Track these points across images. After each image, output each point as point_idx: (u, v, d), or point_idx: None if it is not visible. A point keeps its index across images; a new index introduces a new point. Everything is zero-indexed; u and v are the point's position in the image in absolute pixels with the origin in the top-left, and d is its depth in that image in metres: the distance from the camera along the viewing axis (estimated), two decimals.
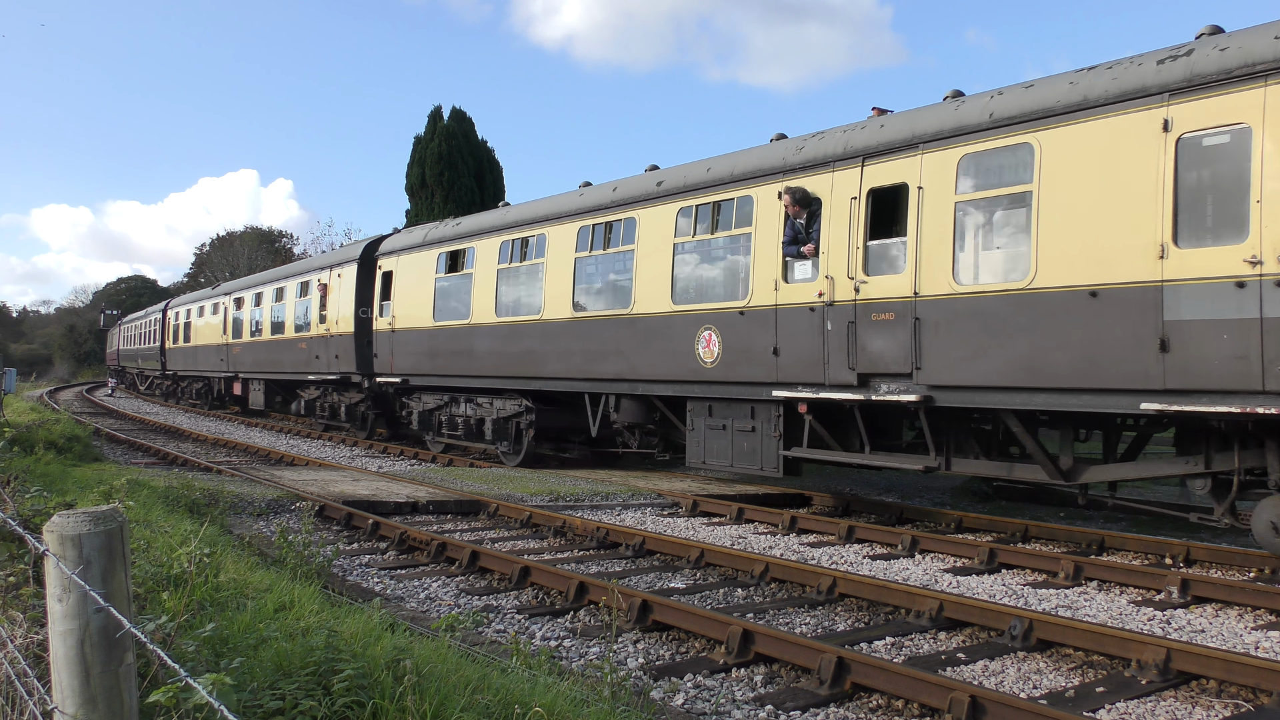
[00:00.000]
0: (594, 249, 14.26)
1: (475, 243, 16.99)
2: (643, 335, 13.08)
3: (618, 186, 14.06)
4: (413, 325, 18.51)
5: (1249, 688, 5.55)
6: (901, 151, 10.11)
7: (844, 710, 5.35)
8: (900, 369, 9.92)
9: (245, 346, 28.66)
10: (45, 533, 2.30)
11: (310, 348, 23.06)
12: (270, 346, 26.37)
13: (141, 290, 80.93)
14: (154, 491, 10.11)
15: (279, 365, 25.50)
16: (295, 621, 4.67)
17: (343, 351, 21.11)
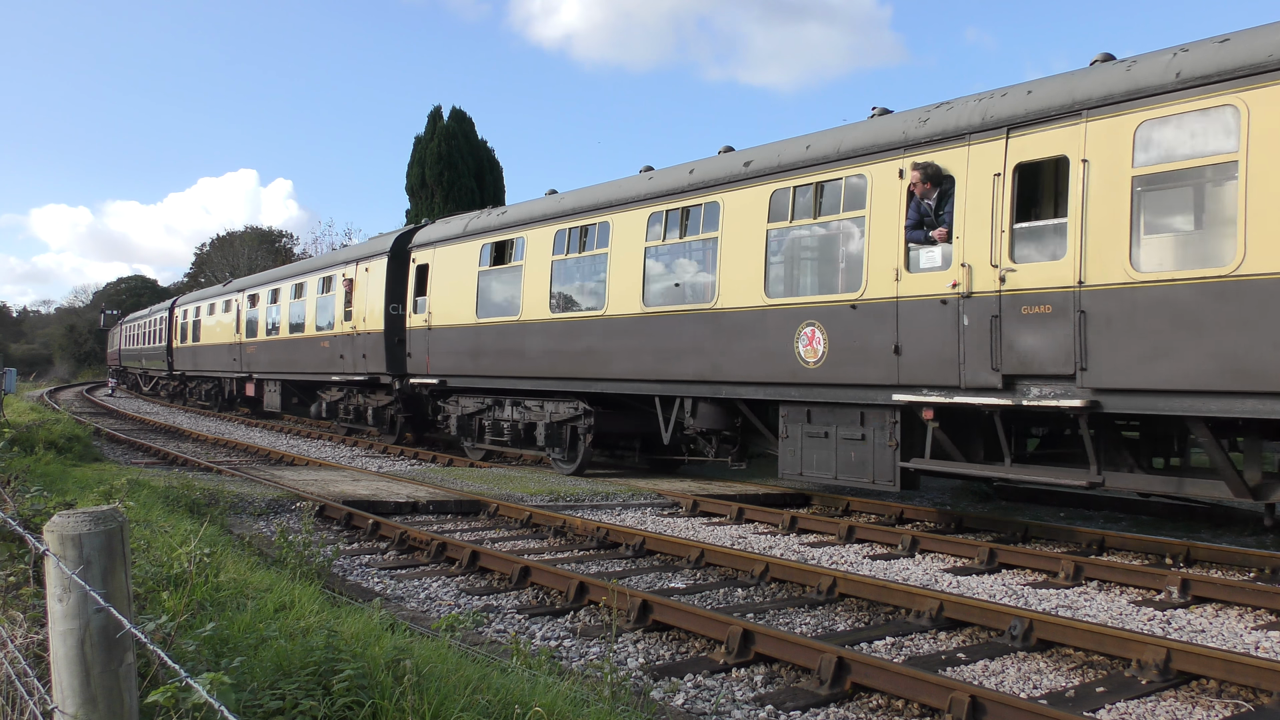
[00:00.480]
0: (667, 237, 13.04)
1: (525, 232, 15.66)
2: (729, 332, 11.90)
3: (694, 168, 12.82)
4: (452, 322, 17.25)
5: (1249, 688, 5.55)
6: (1058, 120, 8.78)
7: (844, 710, 5.35)
8: (1058, 370, 8.62)
9: (261, 346, 27.36)
10: (45, 533, 2.30)
11: (334, 347, 21.79)
12: (288, 345, 25.09)
13: (141, 290, 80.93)
14: (154, 491, 10.12)
15: (298, 365, 24.29)
16: (295, 621, 4.67)
17: (371, 351, 19.84)
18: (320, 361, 22.63)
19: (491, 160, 37.83)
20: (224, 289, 32.63)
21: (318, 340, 22.88)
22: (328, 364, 22.18)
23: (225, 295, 31.65)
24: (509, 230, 16.18)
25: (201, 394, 35.45)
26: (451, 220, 18.77)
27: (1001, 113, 9.34)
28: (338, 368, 21.61)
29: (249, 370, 28.25)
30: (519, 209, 16.40)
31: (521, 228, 15.85)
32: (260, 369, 27.32)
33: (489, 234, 16.66)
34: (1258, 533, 10.67)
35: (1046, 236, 9.05)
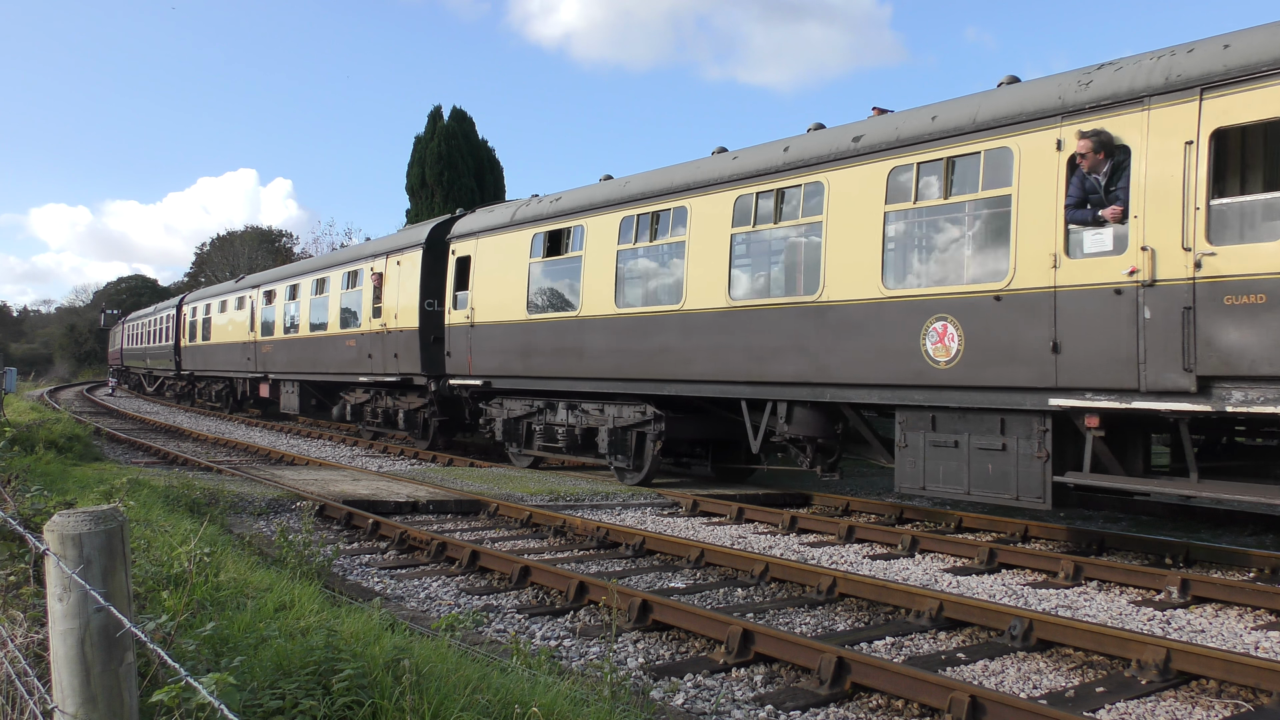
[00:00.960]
0: (758, 223, 11.71)
1: (584, 220, 14.34)
2: (836, 328, 10.63)
3: (789, 145, 11.54)
4: (499, 319, 15.92)
5: (1249, 688, 5.55)
6: (1272, 76, 7.54)
7: (844, 710, 5.35)
8: (1275, 370, 7.47)
9: (278, 344, 25.89)
10: (46, 532, 2.30)
11: (361, 346, 20.40)
12: (309, 344, 23.63)
13: (142, 290, 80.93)
14: (154, 491, 10.12)
15: (319, 365, 22.87)
16: (295, 621, 4.67)
17: (404, 350, 18.54)
18: (345, 361, 21.26)
19: (492, 160, 37.80)
20: (236, 285, 30.84)
21: (342, 339, 21.47)
22: (354, 364, 20.80)
23: (238, 292, 29.91)
24: (565, 218, 14.78)
25: (211, 395, 34.03)
26: (496, 209, 17.27)
27: (1191, 71, 8.04)
28: (365, 368, 20.26)
29: (264, 370, 26.80)
30: (576, 195, 14.91)
31: (580, 215, 14.47)
32: (277, 369, 25.92)
33: (541, 222, 15.23)
34: (1257, 532, 10.67)
35: (1259, 213, 7.81)
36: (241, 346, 28.95)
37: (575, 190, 15.25)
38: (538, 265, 15.36)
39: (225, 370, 31.08)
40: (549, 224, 15.15)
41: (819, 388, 10.96)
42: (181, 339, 36.50)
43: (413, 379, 18.64)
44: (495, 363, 16.07)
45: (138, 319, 48.82)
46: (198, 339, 34.26)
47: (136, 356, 47.67)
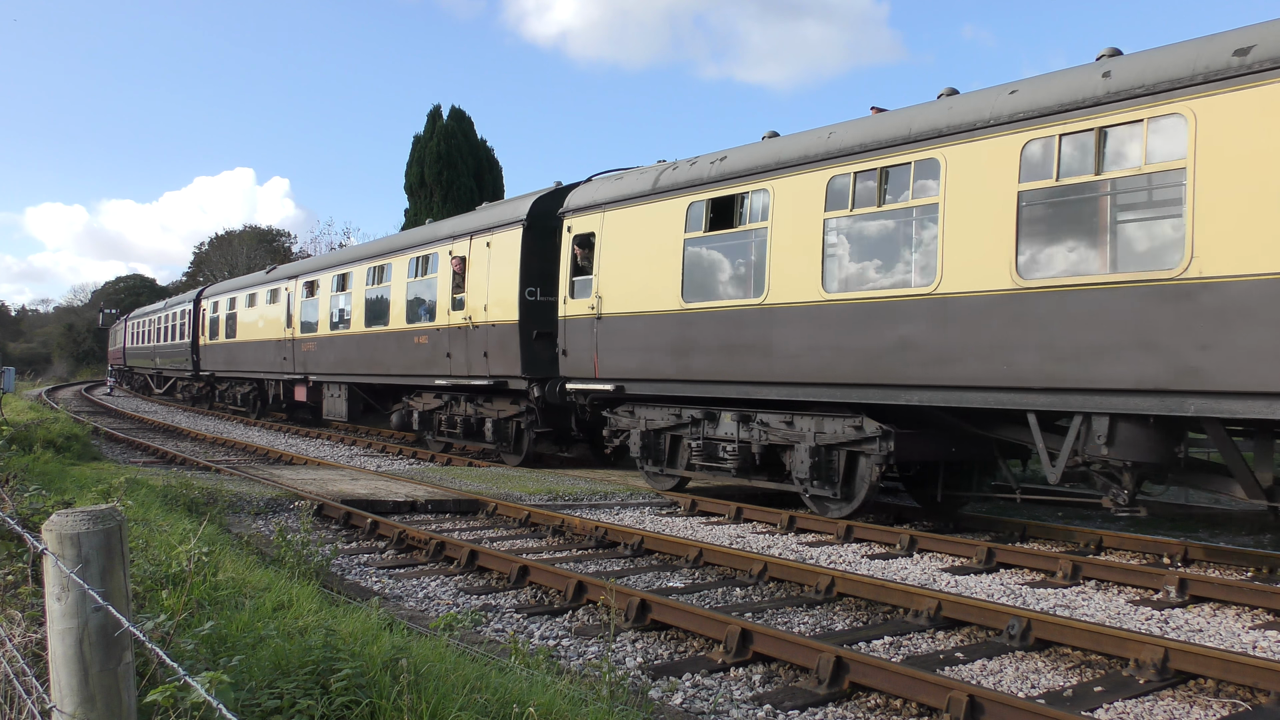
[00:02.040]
0: (1062, 175, 8.67)
1: (769, 183, 11.32)
2: (1218, 316, 7.66)
3: (1111, 69, 8.56)
4: (638, 309, 13.01)
5: (1247, 687, 5.55)
6: None
7: (842, 709, 5.36)
8: None
9: (323, 342, 22.89)
10: (44, 531, 2.30)
11: (436, 343, 17.66)
12: (363, 342, 20.65)
13: (140, 289, 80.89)
14: (152, 490, 10.12)
15: (376, 366, 20.13)
16: (293, 620, 4.67)
17: (497, 348, 15.85)
18: (413, 362, 18.46)
19: (491, 160, 37.82)
20: (268, 276, 27.71)
21: (409, 335, 18.63)
22: (425, 364, 18.04)
23: (271, 284, 26.85)
24: (738, 181, 11.82)
25: (236, 398, 30.63)
26: (625, 175, 14.15)
27: None
28: (441, 369, 17.51)
29: (304, 371, 23.87)
30: (752, 152, 11.90)
31: (761, 177, 11.49)
32: (320, 370, 22.98)
33: (700, 188, 12.28)
34: (1255, 532, 10.69)
35: None
36: (275, 345, 25.90)
37: (750, 146, 12.17)
38: (697, 241, 12.34)
39: (253, 371, 28.09)
40: (712, 189, 12.11)
41: (1176, 397, 7.96)
42: (200, 337, 33.33)
43: (506, 382, 15.87)
44: (633, 363, 13.14)
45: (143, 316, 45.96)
46: (220, 336, 31.16)
47: (143, 356, 44.78)
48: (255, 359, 27.67)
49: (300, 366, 24.20)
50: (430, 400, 18.95)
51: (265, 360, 26.79)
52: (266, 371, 26.88)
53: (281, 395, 26.64)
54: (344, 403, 22.11)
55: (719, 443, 12.24)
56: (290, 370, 24.94)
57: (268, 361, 26.58)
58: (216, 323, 31.62)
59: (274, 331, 26.16)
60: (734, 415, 12.07)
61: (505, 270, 15.87)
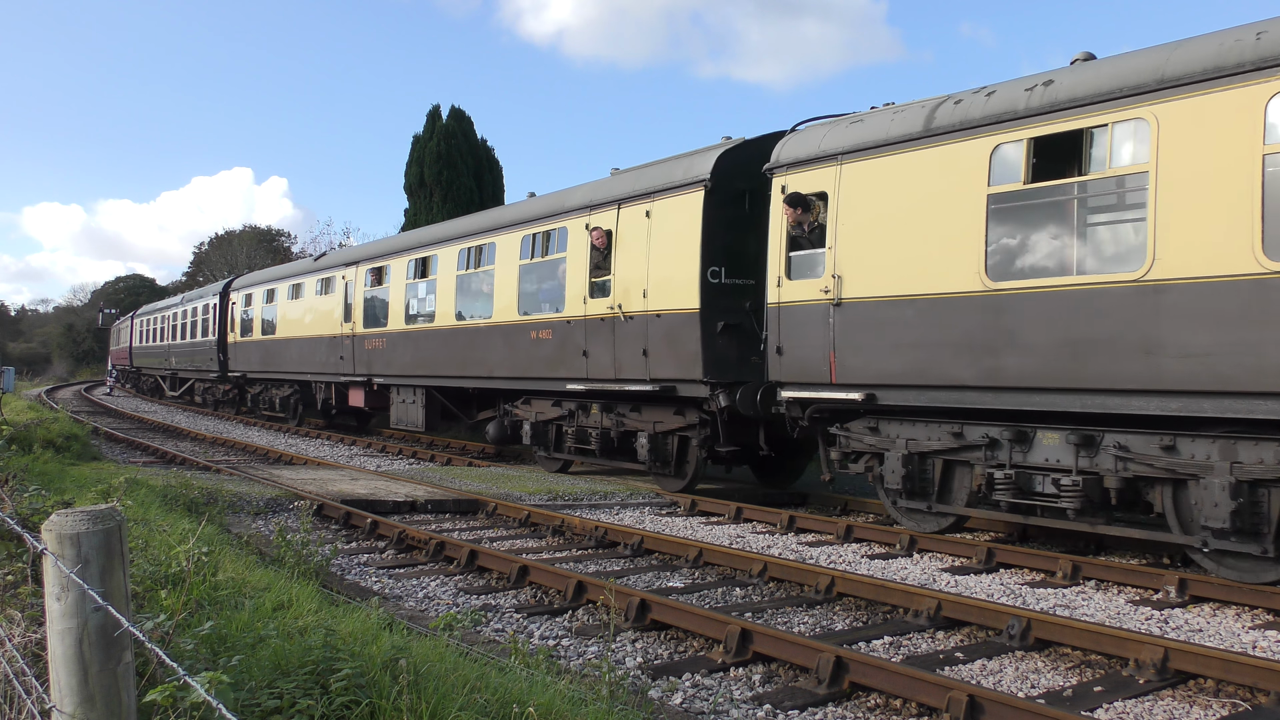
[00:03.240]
0: None
1: (1148, 109, 8.10)
2: None
3: None
4: (905, 291, 9.83)
5: (1246, 687, 5.55)
6: None
7: (842, 709, 5.36)
8: None
9: (395, 339, 19.35)
10: (43, 531, 2.30)
11: (564, 338, 14.31)
12: (454, 338, 17.29)
13: (140, 289, 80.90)
14: (152, 490, 10.12)
15: (474, 366, 16.57)
16: (293, 620, 4.67)
17: (664, 344, 12.49)
18: (528, 361, 15.15)
19: (491, 160, 37.79)
20: (317, 265, 24.37)
21: (522, 330, 15.30)
22: (548, 364, 14.71)
23: (322, 272, 23.49)
24: (1083, 112, 8.60)
25: (273, 402, 27.02)
26: (869, 116, 10.77)
27: None
28: (571, 370, 14.16)
29: (367, 372, 20.48)
30: (1111, 69, 8.58)
31: (1128, 103, 8.26)
32: (391, 371, 19.61)
33: (1014, 124, 9.03)
34: None
35: None
36: (328, 342, 22.35)
37: (1101, 64, 8.84)
38: (1010, 196, 9.11)
39: (297, 371, 24.44)
40: (1035, 125, 8.87)
41: None
42: (229, 333, 29.60)
43: (675, 388, 12.44)
44: (896, 364, 9.96)
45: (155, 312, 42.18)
46: (253, 333, 27.65)
47: (155, 355, 40.95)
48: (300, 358, 24.06)
49: (362, 367, 20.67)
50: (546, 408, 15.33)
51: (313, 359, 23.27)
52: (315, 372, 23.35)
53: (333, 399, 22.92)
54: (419, 409, 18.66)
55: (1036, 473, 9.14)
56: (348, 371, 21.36)
57: (317, 361, 23.04)
58: (249, 318, 27.99)
59: (325, 326, 22.61)
60: (1065, 436, 8.84)
61: (677, 246, 12.40)
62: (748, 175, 12.03)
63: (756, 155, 12.00)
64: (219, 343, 30.22)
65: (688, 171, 12.55)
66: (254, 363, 27.64)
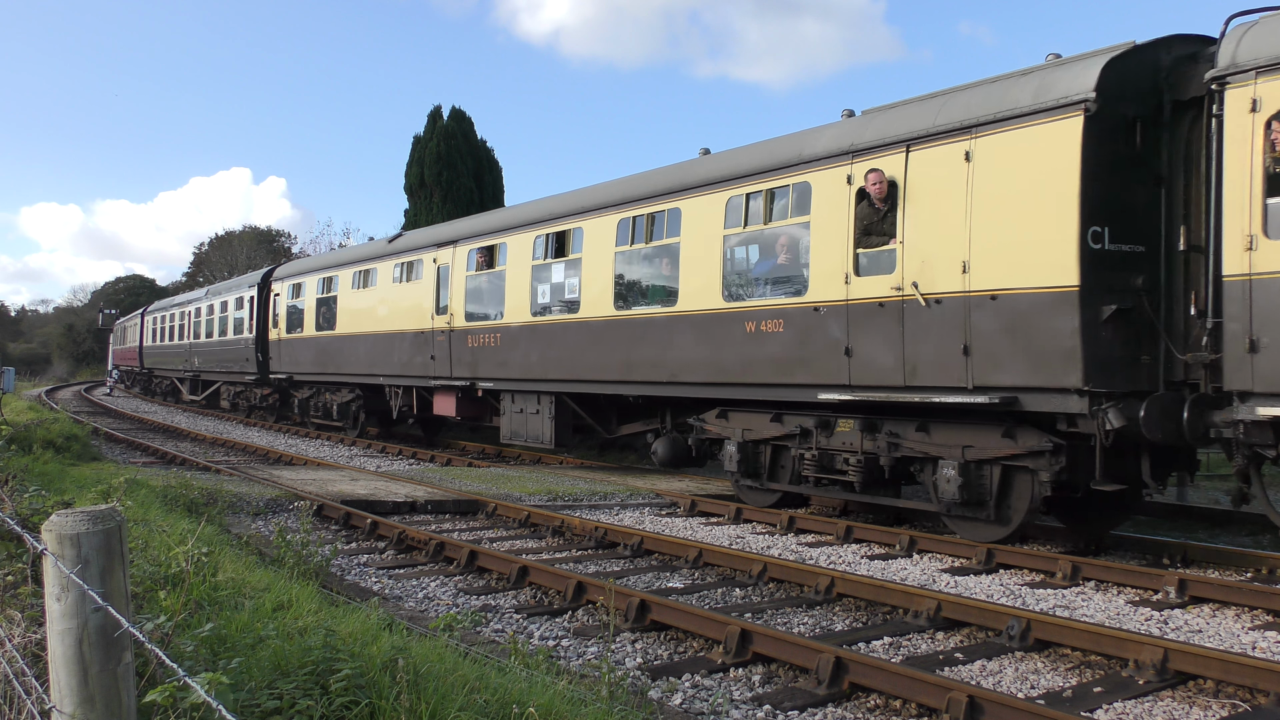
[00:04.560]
0: None
1: None
2: None
3: None
4: None
5: (1246, 687, 5.56)
6: None
7: (842, 710, 5.36)
8: None
9: (514, 334, 15.71)
10: (43, 532, 2.30)
11: (806, 332, 10.71)
12: (611, 332, 13.58)
13: (140, 289, 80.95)
14: (152, 491, 10.12)
15: (644, 368, 13.00)
16: (293, 621, 4.67)
17: (1000, 338, 9.05)
18: (743, 362, 11.46)
19: (491, 160, 37.80)
20: (393, 245, 20.36)
21: (732, 320, 11.61)
22: (778, 367, 11.04)
23: (402, 255, 19.57)
24: None
25: (329, 409, 23.38)
26: None
27: None
28: (823, 374, 10.50)
29: (470, 375, 16.92)
30: None
31: None
32: (505, 374, 15.98)
33: None
34: (1255, 533, 10.69)
35: None
36: (412, 339, 18.67)
37: None
38: None
39: (364, 374, 20.85)
40: None
41: None
42: (270, 330, 25.90)
43: (1019, 399, 9.00)
44: None
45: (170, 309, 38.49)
46: (304, 329, 23.79)
47: (171, 356, 37.19)
48: (369, 358, 20.38)
49: (462, 369, 17.06)
50: (760, 424, 11.66)
51: (388, 359, 19.57)
52: (390, 375, 19.64)
53: (413, 407, 19.48)
54: (546, 421, 15.20)
55: None
56: (441, 374, 17.68)
57: (394, 361, 19.35)
58: (299, 312, 24.16)
59: (408, 320, 18.90)
60: None
61: (1029, 198, 8.88)
62: (1139, 96, 8.81)
63: (1148, 67, 8.93)
64: (257, 341, 26.50)
65: (1048, 91, 8.88)
66: (304, 363, 23.79)
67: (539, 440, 15.44)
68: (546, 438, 15.19)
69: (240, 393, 29.95)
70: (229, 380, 30.40)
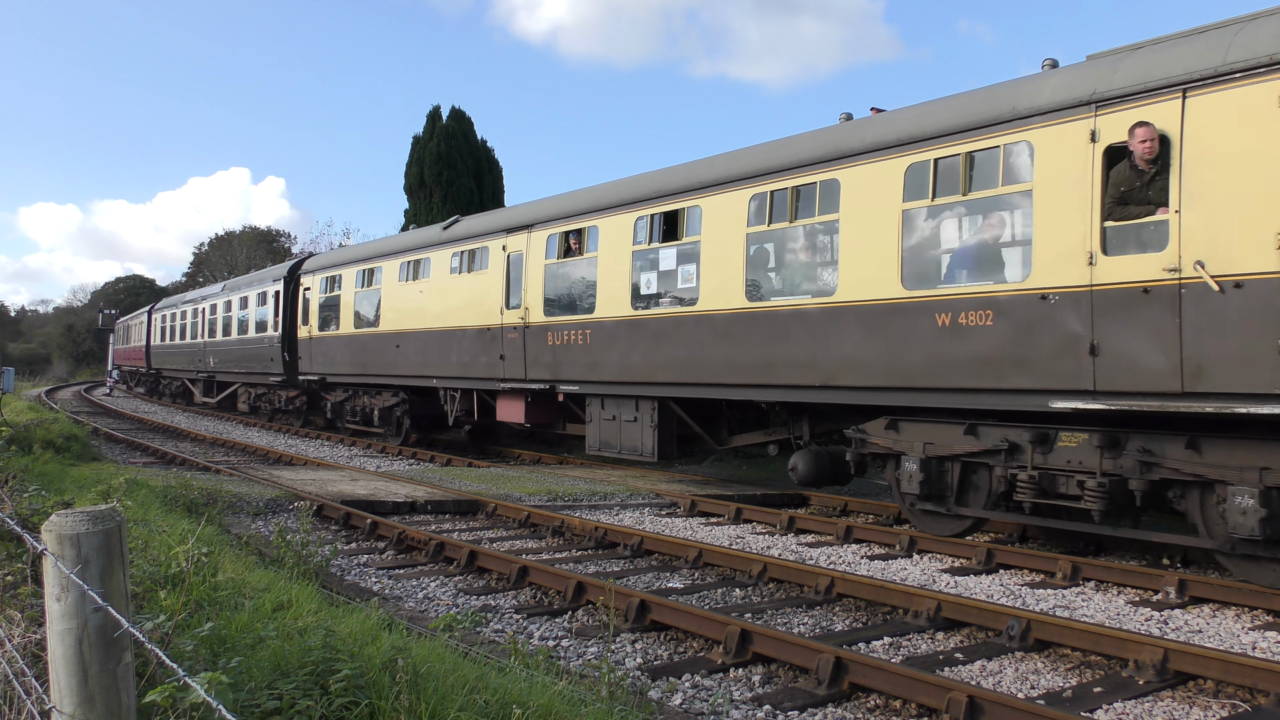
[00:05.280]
0: None
1: None
2: None
3: None
4: None
5: (1246, 688, 5.56)
6: None
7: (842, 710, 5.36)
8: None
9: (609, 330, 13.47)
10: (43, 532, 2.30)
11: (1027, 325, 8.74)
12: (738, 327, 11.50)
13: (140, 289, 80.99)
14: (152, 491, 10.12)
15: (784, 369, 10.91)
16: (293, 621, 4.67)
17: None
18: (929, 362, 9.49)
19: (491, 160, 37.83)
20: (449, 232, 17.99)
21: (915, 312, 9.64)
22: (983, 368, 9.10)
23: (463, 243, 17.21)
24: None
25: (368, 414, 21.27)
26: None
27: None
28: (1051, 377, 8.57)
29: (550, 377, 14.69)
30: None
31: None
32: (596, 375, 13.79)
33: None
34: None
35: None
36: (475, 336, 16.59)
37: None
38: None
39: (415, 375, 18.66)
40: None
41: None
42: (300, 327, 23.85)
43: None
44: None
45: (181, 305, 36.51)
46: (339, 326, 21.77)
47: (183, 356, 35.14)
48: (419, 358, 18.36)
49: (540, 369, 14.91)
50: (950, 437, 9.67)
51: (445, 359, 17.51)
52: (447, 376, 17.57)
53: (472, 411, 17.49)
54: (646, 430, 13.25)
55: None
56: (512, 375, 15.55)
57: (450, 362, 17.37)
58: (334, 307, 22.15)
59: (471, 315, 16.75)
60: None
61: None
62: None
63: None
64: (284, 339, 24.40)
65: None
66: (339, 364, 21.71)
67: (636, 452, 13.51)
68: (647, 448, 13.28)
69: (262, 395, 27.98)
70: (249, 382, 28.27)
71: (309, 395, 24.90)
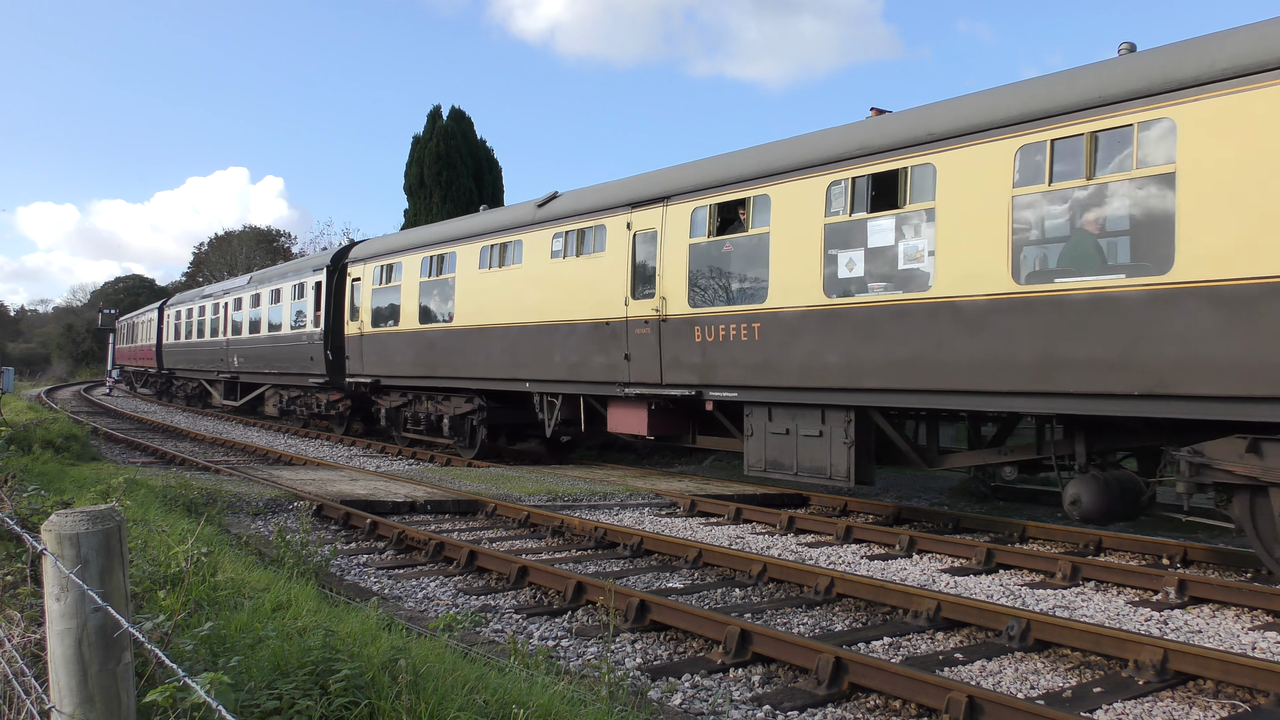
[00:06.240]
0: None
1: None
2: None
3: None
4: None
5: (1246, 688, 5.56)
6: None
7: (841, 710, 5.36)
8: None
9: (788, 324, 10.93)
10: (43, 532, 2.30)
11: None
12: (998, 317, 8.96)
13: (139, 289, 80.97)
14: (151, 491, 10.12)
15: (1083, 372, 8.28)
16: (293, 621, 4.67)
17: None
18: None
19: (490, 160, 37.84)
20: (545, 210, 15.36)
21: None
22: None
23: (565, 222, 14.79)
24: None
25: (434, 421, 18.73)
26: None
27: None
28: None
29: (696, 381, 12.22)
30: None
31: None
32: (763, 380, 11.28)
33: None
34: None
35: None
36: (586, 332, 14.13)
37: None
38: None
39: (498, 379, 16.11)
40: None
41: None
42: (345, 324, 21.20)
43: None
44: None
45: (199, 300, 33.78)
46: (395, 322, 19.14)
47: (201, 355, 32.61)
48: (508, 358, 15.77)
49: (685, 372, 12.36)
50: None
51: (543, 360, 14.96)
52: (545, 380, 15.01)
53: (579, 420, 14.98)
54: (840, 447, 10.66)
55: None
56: (646, 379, 12.99)
57: (552, 363, 14.79)
58: (392, 300, 19.46)
59: (580, 307, 14.22)
60: None
61: None
62: None
63: None
64: (325, 336, 21.87)
65: None
66: (399, 364, 19.02)
67: (821, 474, 10.83)
68: (840, 470, 10.62)
69: (297, 398, 25.06)
70: (282, 384, 25.56)
71: (355, 399, 22.16)
